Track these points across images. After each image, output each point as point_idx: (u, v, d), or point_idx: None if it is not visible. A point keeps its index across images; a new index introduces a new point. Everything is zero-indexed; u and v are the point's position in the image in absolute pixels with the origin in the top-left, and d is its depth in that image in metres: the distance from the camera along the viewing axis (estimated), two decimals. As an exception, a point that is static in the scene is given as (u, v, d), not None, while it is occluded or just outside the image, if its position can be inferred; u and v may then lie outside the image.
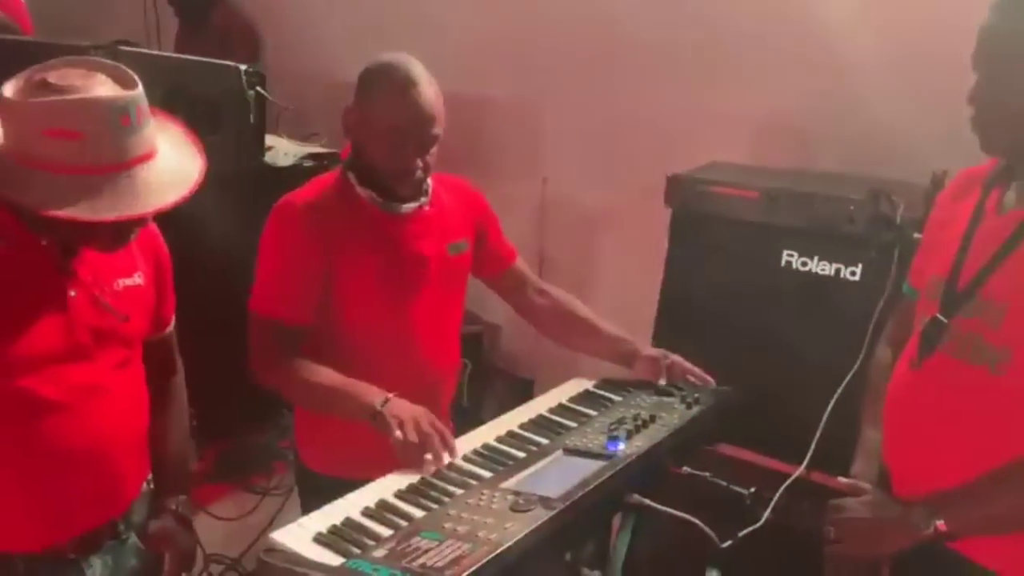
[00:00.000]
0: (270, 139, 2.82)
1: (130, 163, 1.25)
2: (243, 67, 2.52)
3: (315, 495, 1.68)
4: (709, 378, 1.82)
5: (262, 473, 2.74)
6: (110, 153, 1.23)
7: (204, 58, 2.60)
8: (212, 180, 2.46)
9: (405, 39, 3.22)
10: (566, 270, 3.03)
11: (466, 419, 3.17)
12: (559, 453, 1.51)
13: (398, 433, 1.49)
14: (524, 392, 3.24)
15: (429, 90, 1.62)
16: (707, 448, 1.85)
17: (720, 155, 2.44)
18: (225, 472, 2.68)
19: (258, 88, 2.58)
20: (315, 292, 1.64)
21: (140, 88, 1.27)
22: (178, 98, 2.40)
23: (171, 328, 1.63)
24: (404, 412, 1.53)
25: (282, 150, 2.79)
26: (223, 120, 2.53)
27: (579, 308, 1.95)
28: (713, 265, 2.15)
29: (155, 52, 2.44)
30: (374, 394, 1.56)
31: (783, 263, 2.06)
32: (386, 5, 3.48)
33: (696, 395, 1.72)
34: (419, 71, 1.62)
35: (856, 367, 1.83)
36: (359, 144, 1.68)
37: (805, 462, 1.79)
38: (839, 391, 1.83)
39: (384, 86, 1.61)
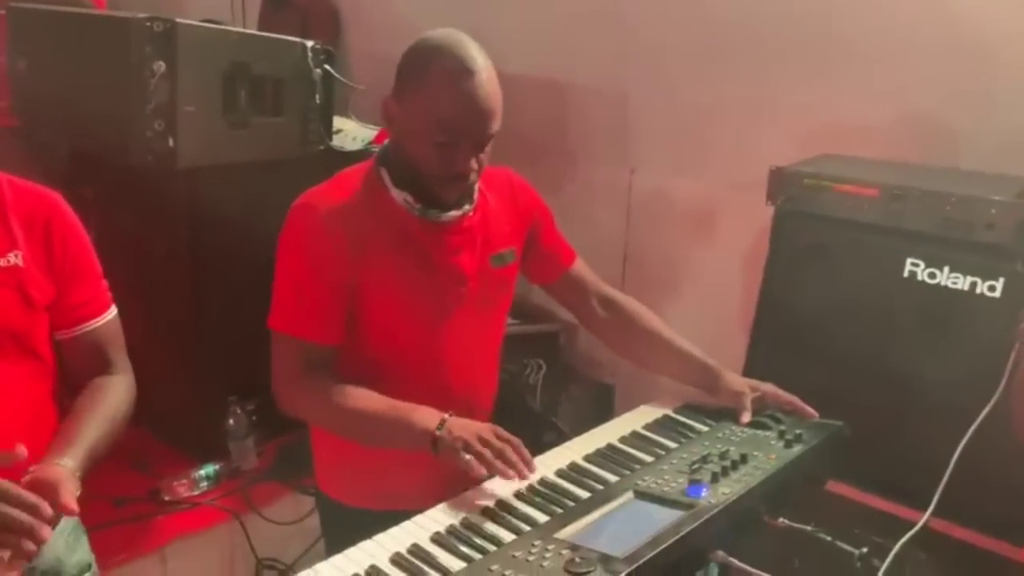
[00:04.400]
0: (340, 122, 2.67)
1: None
2: (309, 43, 2.36)
3: (339, 528, 1.52)
4: (812, 411, 1.55)
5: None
6: None
7: (268, 33, 2.44)
8: (274, 164, 2.39)
9: (489, 20, 3.07)
10: (651, 269, 2.79)
11: (538, 425, 3.01)
12: (629, 496, 1.28)
13: (467, 456, 1.28)
14: (603, 398, 3.04)
15: (488, 80, 1.36)
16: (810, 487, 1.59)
17: (834, 151, 2.15)
18: (282, 471, 2.55)
19: (326, 66, 2.42)
20: (342, 308, 1.42)
21: None
22: (240, 76, 2.26)
23: (96, 323, 1.40)
24: (467, 430, 1.32)
25: (351, 134, 2.63)
26: (288, 101, 2.37)
27: (650, 321, 1.68)
28: (822, 273, 1.86)
29: (215, 26, 2.29)
30: (428, 417, 1.35)
31: (906, 273, 1.76)
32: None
33: (798, 430, 1.46)
34: (476, 55, 1.36)
35: (994, 401, 1.54)
36: (399, 141, 1.44)
37: (929, 510, 1.52)
38: (972, 429, 1.55)
39: (434, 75, 1.35)
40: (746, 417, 1.53)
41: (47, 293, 1.33)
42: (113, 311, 1.45)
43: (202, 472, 2.40)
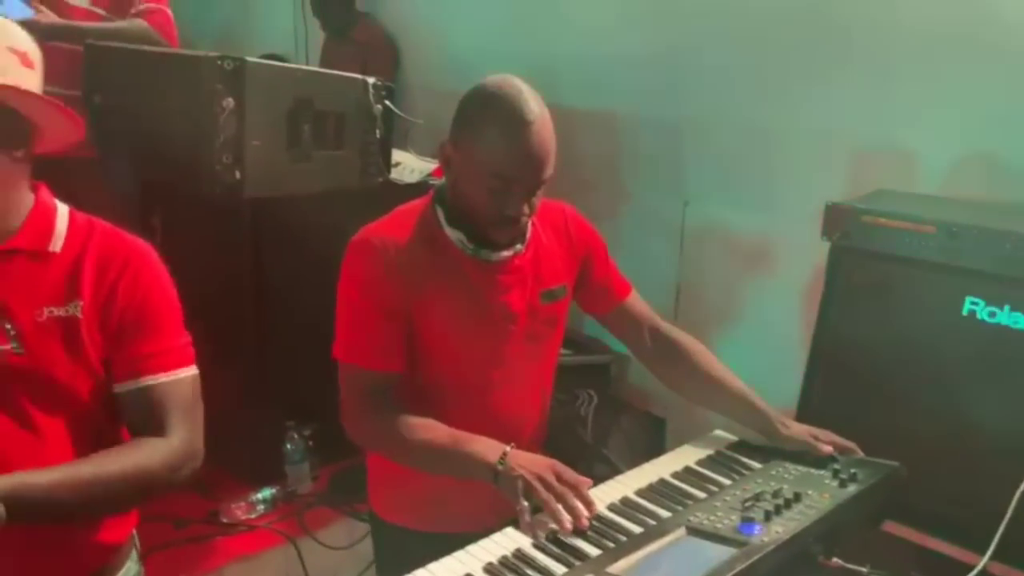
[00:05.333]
0: (398, 155, 2.74)
1: None
2: (371, 80, 2.44)
3: (389, 548, 1.58)
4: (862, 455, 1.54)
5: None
6: None
7: (330, 71, 2.53)
8: (335, 195, 2.46)
9: (541, 56, 3.14)
10: (706, 305, 2.78)
11: (589, 456, 3.00)
12: (681, 532, 1.28)
13: (524, 503, 1.31)
14: (654, 431, 3.03)
15: (543, 129, 1.39)
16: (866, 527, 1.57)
17: (894, 185, 2.13)
18: (336, 496, 2.59)
19: (386, 102, 2.49)
20: (401, 338, 1.47)
21: None
22: (303, 112, 2.34)
23: (156, 379, 1.31)
24: (527, 467, 1.34)
25: (409, 167, 2.70)
26: (349, 135, 2.45)
27: (704, 359, 1.68)
28: (879, 310, 1.84)
29: (281, 64, 2.39)
30: (489, 449, 1.38)
31: (966, 312, 1.73)
32: (522, 22, 3.35)
33: (853, 469, 1.45)
34: (532, 104, 1.39)
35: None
36: (455, 184, 1.48)
37: (988, 553, 1.49)
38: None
39: (490, 126, 1.39)
40: (826, 448, 1.53)
41: (100, 347, 1.29)
42: (186, 372, 1.35)
43: (259, 495, 2.46)
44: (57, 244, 1.30)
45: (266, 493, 2.47)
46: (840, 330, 1.92)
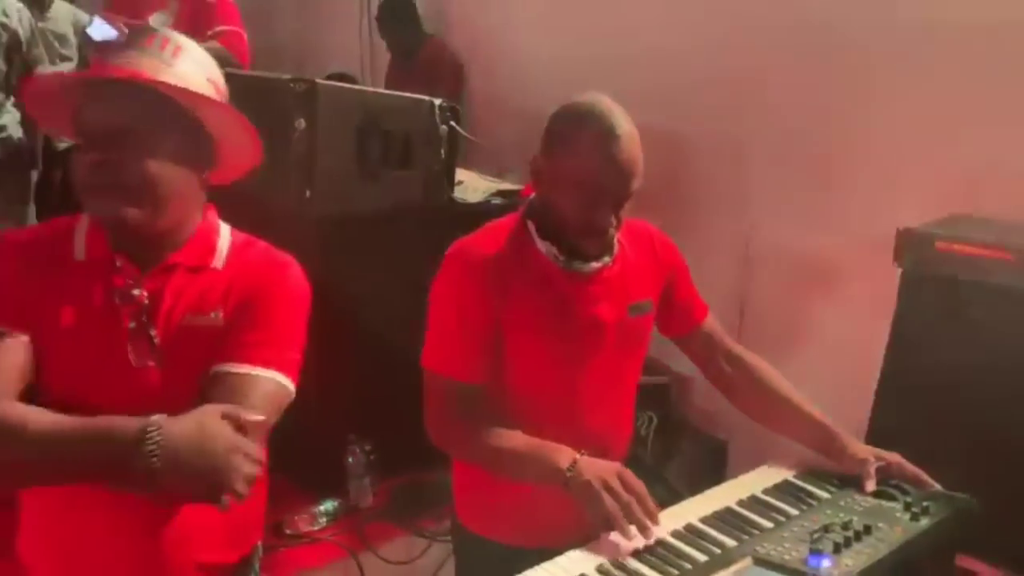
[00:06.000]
0: (461, 174, 2.77)
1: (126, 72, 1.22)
2: (437, 101, 2.48)
3: (470, 556, 1.62)
4: (936, 485, 1.50)
5: (433, 517, 2.66)
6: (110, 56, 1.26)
7: (397, 92, 2.58)
8: (400, 214, 2.50)
9: (606, 73, 3.13)
10: (771, 329, 2.73)
11: (650, 479, 2.97)
12: (747, 562, 1.27)
13: (593, 505, 1.34)
14: (716, 454, 2.99)
15: (631, 142, 1.44)
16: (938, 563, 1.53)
17: (968, 209, 2.08)
18: (396, 511, 2.61)
19: (451, 123, 2.52)
20: (490, 350, 1.51)
21: (171, 33, 1.31)
22: (372, 132, 2.38)
23: (226, 368, 1.25)
24: (595, 474, 1.37)
25: (472, 186, 2.72)
26: (415, 155, 2.48)
27: (776, 382, 1.68)
28: (951, 338, 1.81)
29: (351, 86, 2.44)
30: (563, 456, 1.41)
31: (1044, 341, 1.69)
32: (587, 40, 3.37)
33: (925, 503, 1.41)
34: (620, 119, 1.44)
35: None
36: (546, 196, 1.53)
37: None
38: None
39: (581, 138, 1.44)
40: (870, 485, 1.50)
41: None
42: (267, 374, 1.26)
43: (322, 508, 2.49)
44: (219, 262, 1.34)
45: (328, 506, 2.50)
46: (912, 357, 1.89)
